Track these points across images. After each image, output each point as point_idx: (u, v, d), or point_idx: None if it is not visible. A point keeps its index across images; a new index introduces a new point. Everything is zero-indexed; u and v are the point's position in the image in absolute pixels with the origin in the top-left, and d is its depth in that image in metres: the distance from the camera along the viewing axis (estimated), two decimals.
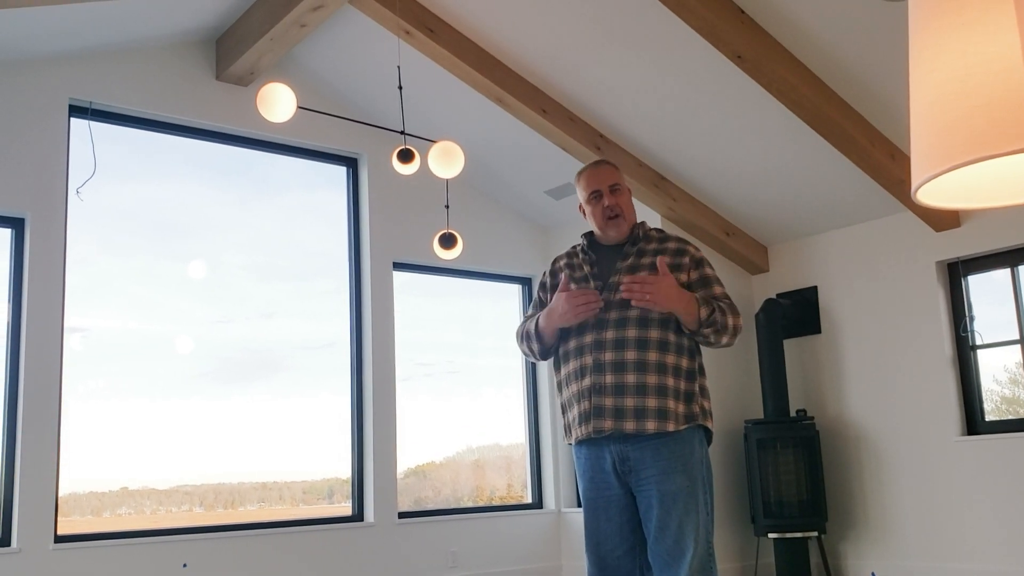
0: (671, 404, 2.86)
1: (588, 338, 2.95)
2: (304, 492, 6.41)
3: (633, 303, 2.84)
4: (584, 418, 2.92)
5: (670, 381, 2.88)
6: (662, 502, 2.83)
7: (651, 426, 2.84)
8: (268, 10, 5.42)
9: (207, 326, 6.10)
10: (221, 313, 6.18)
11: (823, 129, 5.34)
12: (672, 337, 2.91)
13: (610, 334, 2.91)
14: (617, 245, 3.10)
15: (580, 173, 3.16)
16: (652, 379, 2.86)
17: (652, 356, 2.87)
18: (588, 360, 2.93)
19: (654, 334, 2.89)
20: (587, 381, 2.92)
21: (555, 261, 3.22)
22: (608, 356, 2.89)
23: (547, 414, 7.28)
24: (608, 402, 2.87)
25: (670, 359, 2.90)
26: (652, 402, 2.85)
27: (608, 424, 2.87)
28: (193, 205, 6.14)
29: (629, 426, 2.85)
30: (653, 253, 3.03)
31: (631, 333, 2.89)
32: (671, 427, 2.85)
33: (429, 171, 4.79)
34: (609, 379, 2.88)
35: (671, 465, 2.84)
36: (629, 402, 2.85)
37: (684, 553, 2.81)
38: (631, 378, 2.86)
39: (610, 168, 3.15)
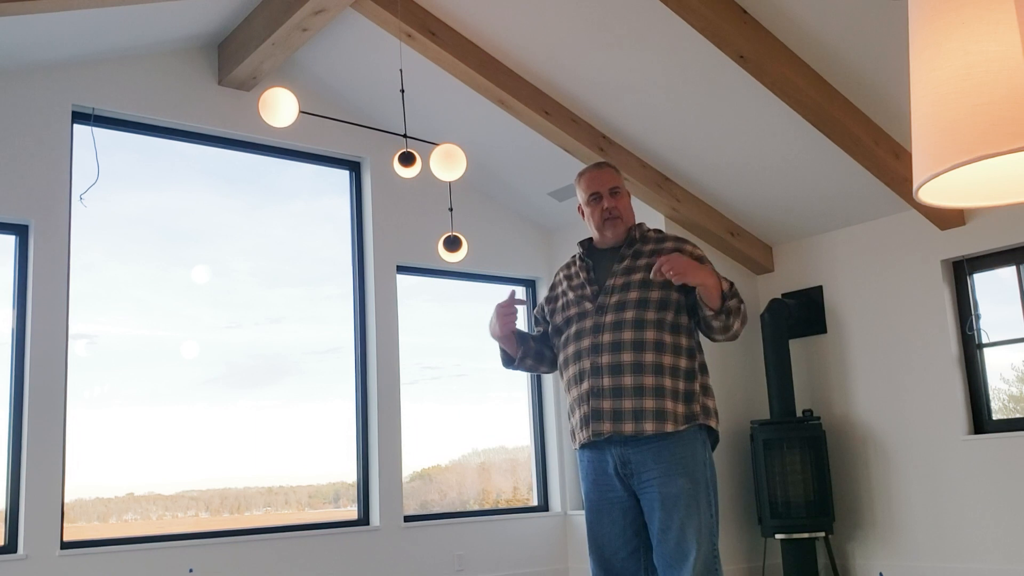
0: (669, 405, 2.86)
1: (585, 342, 2.97)
2: (310, 496, 6.41)
3: (653, 277, 2.86)
4: (584, 422, 2.94)
5: (667, 382, 2.88)
6: (664, 505, 2.83)
7: (649, 427, 2.84)
8: (270, 15, 5.43)
9: (213, 331, 6.10)
10: (227, 318, 6.19)
11: (827, 128, 5.33)
12: (668, 338, 2.91)
13: (606, 337, 2.92)
14: (614, 248, 3.11)
15: (581, 175, 3.17)
16: (649, 380, 2.86)
17: (648, 357, 2.87)
18: (586, 364, 2.94)
19: (650, 335, 2.90)
20: (585, 385, 2.93)
21: (556, 274, 3.26)
22: (605, 359, 2.90)
23: (552, 416, 7.28)
24: (606, 404, 2.88)
25: (667, 360, 2.89)
26: (650, 403, 2.85)
27: (607, 427, 2.88)
28: (197, 211, 6.15)
29: (628, 428, 2.85)
30: (649, 254, 3.03)
31: (627, 335, 2.90)
32: (669, 427, 2.85)
33: (432, 174, 4.79)
34: (607, 382, 2.89)
35: (672, 468, 2.84)
36: (627, 404, 2.86)
37: (687, 555, 2.80)
38: (628, 380, 2.87)
39: (611, 171, 3.16)
